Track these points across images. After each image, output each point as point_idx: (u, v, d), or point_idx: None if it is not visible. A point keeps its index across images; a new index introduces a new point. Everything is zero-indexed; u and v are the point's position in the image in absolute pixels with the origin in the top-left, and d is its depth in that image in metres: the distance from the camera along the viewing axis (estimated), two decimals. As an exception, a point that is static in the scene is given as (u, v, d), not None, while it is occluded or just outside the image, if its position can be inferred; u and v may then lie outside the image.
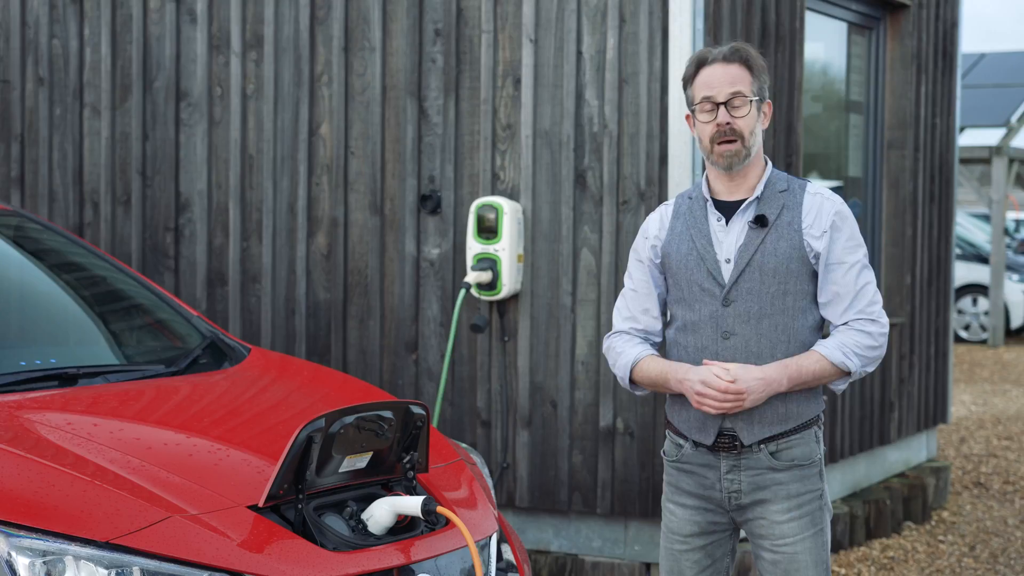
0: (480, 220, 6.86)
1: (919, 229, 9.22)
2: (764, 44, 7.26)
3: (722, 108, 4.25)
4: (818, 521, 4.34)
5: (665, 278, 4.43)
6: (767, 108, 4.36)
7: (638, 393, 4.49)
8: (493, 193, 6.98)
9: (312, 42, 7.33)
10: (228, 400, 4.94)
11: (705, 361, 4.24)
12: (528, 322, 6.93)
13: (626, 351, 4.42)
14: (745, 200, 4.35)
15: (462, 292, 6.87)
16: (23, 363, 4.85)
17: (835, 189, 8.91)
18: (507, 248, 6.82)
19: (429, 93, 7.11)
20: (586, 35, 6.82)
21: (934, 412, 9.68)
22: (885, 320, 4.37)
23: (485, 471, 5.07)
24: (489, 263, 6.84)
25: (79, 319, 5.50)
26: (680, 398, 4.36)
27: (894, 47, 8.97)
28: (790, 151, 7.54)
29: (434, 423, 6.95)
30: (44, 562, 3.80)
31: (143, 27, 7.70)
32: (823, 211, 4.33)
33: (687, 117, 4.40)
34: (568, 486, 6.91)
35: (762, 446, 4.30)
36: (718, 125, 4.26)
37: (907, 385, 9.18)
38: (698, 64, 4.33)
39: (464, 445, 5.28)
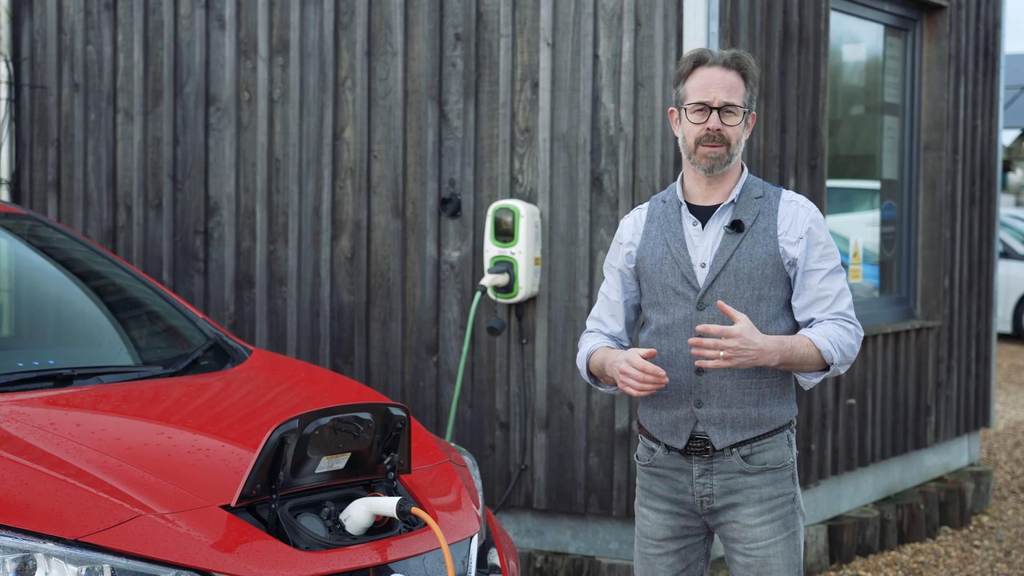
0: (497, 223, 6.90)
1: (958, 231, 9.14)
2: (786, 46, 7.25)
3: (714, 113, 4.26)
4: (791, 524, 4.34)
5: (639, 283, 4.44)
6: (751, 120, 4.37)
7: (601, 389, 4.50)
8: (511, 196, 7.02)
9: (336, 47, 7.41)
10: (218, 401, 5.01)
11: (699, 328, 4.15)
12: (545, 324, 6.96)
13: (584, 346, 4.48)
14: (720, 205, 4.36)
15: (477, 295, 6.91)
16: (20, 364, 4.95)
17: (870, 191, 8.87)
18: (524, 251, 6.86)
19: (449, 97, 7.16)
20: (602, 38, 6.84)
21: (975, 416, 9.59)
22: (861, 327, 4.37)
23: (475, 472, 5.10)
24: (506, 266, 6.87)
25: (83, 320, 5.60)
26: (652, 402, 4.38)
27: (931, 48, 8.91)
28: (814, 153, 7.51)
29: (450, 425, 7.00)
30: (14, 559, 3.88)
31: (174, 33, 7.81)
32: (799, 218, 4.34)
33: (671, 112, 4.41)
34: (585, 488, 6.93)
35: (734, 450, 4.30)
36: (708, 129, 4.27)
37: (945, 389, 9.10)
38: (696, 63, 4.33)
39: (457, 447, 5.32)
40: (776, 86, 7.18)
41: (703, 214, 4.37)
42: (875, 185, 8.87)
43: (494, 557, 4.85)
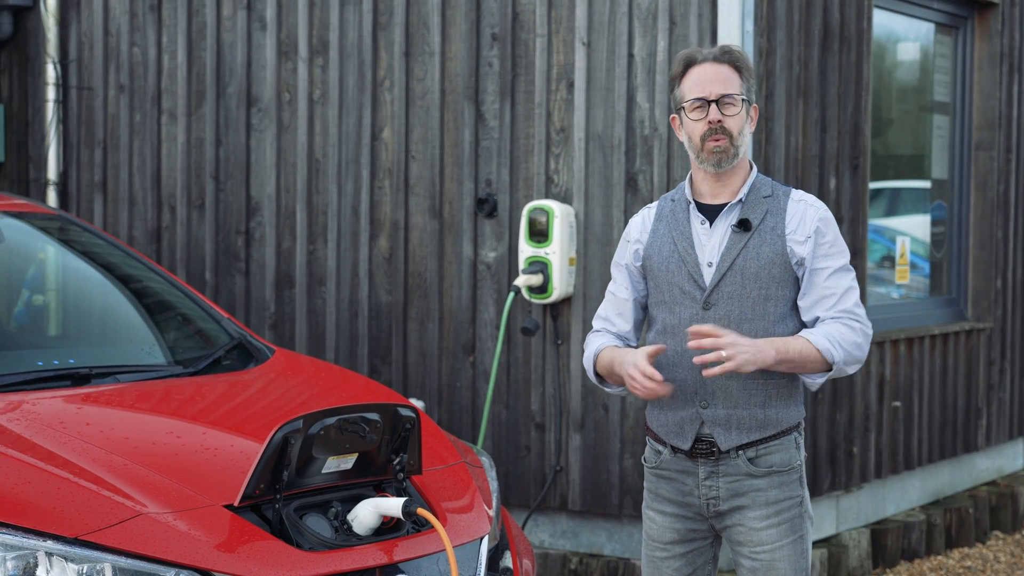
0: (531, 223, 6.88)
1: (1011, 232, 9.01)
2: (826, 44, 7.17)
3: (713, 106, 4.23)
4: (797, 528, 4.29)
5: (646, 281, 4.41)
6: (754, 112, 4.32)
7: (608, 389, 4.45)
8: (547, 196, 6.99)
9: (375, 47, 7.42)
10: (234, 400, 5.02)
11: (690, 331, 4.12)
12: (580, 325, 6.93)
13: (591, 345, 4.45)
14: (728, 203, 4.31)
15: (510, 296, 6.90)
16: (40, 363, 4.99)
17: (920, 190, 8.77)
18: (558, 251, 6.83)
19: (486, 97, 7.14)
20: (637, 38, 6.80)
21: (1030, 419, 9.46)
22: (870, 325, 4.30)
23: (492, 474, 5.07)
24: (540, 266, 6.85)
25: (107, 319, 5.64)
26: (658, 403, 4.34)
27: (982, 46, 8.79)
28: (856, 153, 7.43)
29: (483, 425, 6.99)
30: (15, 557, 3.91)
31: (216, 34, 7.85)
32: (807, 217, 4.28)
33: (672, 119, 4.37)
34: (619, 490, 6.89)
35: (740, 452, 4.25)
36: (709, 123, 4.23)
37: (997, 391, 8.97)
38: (687, 63, 4.30)
39: (476, 447, 5.31)
40: (816, 85, 7.11)
41: (711, 212, 4.33)
42: (925, 185, 8.77)
43: (508, 560, 4.82)
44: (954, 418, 8.52)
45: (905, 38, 8.55)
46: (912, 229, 8.68)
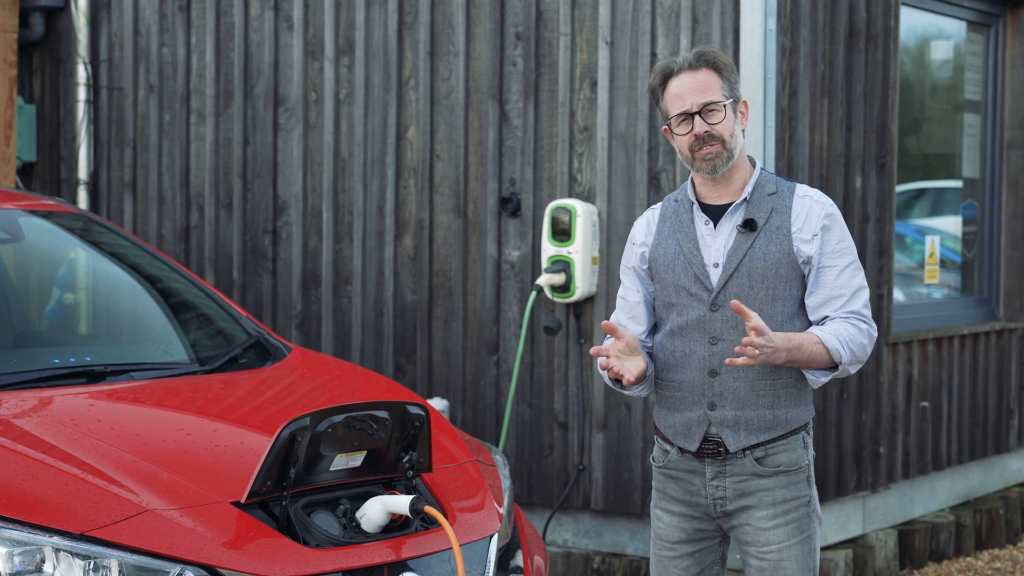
0: (554, 222, 6.88)
1: (1044, 231, 8.94)
2: (852, 43, 7.14)
3: (697, 118, 4.20)
4: (805, 528, 4.27)
5: (653, 283, 4.39)
6: (744, 107, 4.30)
7: (624, 392, 4.42)
8: (570, 195, 6.99)
9: (400, 47, 7.43)
10: (248, 398, 5.04)
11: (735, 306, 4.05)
12: (603, 324, 6.91)
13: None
14: (732, 203, 4.29)
15: (532, 295, 6.90)
16: (57, 360, 5.03)
17: (951, 190, 8.71)
18: (580, 250, 6.83)
19: (510, 96, 7.15)
20: (660, 36, 6.79)
21: (1064, 420, 9.37)
22: (875, 327, 4.28)
23: (504, 472, 5.08)
24: (562, 265, 6.85)
25: (126, 316, 5.68)
26: (666, 404, 4.33)
27: (1014, 44, 8.72)
28: (883, 152, 7.39)
29: (505, 424, 6.99)
30: (22, 552, 3.94)
31: (244, 35, 7.89)
32: (812, 214, 4.26)
33: (665, 131, 4.35)
34: (642, 489, 6.88)
35: (747, 452, 4.24)
36: (696, 135, 4.21)
37: (1030, 392, 8.91)
38: (664, 76, 4.27)
39: (489, 445, 5.31)
40: (840, 83, 7.07)
41: (715, 213, 4.31)
42: (956, 184, 8.71)
43: (519, 559, 4.82)
44: (984, 419, 8.46)
45: (936, 36, 8.50)
46: (943, 228, 8.63)
